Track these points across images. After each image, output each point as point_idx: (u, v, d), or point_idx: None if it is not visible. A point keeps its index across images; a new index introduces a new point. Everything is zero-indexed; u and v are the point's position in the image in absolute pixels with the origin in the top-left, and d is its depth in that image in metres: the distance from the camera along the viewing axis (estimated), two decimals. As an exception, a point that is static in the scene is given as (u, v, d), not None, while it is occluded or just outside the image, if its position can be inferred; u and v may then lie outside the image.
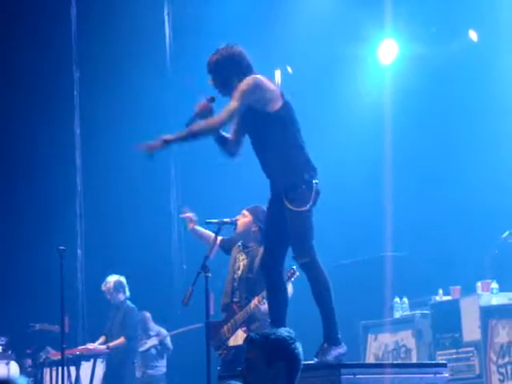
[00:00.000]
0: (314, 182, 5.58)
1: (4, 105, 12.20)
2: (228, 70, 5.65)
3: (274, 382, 3.70)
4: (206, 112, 5.72)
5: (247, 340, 3.84)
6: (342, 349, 5.56)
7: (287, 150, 5.56)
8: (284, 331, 3.83)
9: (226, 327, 6.87)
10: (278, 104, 5.59)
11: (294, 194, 5.51)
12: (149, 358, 11.00)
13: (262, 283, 6.18)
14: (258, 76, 5.65)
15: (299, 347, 3.80)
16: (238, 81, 5.61)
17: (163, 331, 11.23)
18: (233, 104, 5.53)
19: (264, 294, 6.45)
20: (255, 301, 6.69)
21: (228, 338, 6.83)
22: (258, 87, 5.56)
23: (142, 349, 10.76)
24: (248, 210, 6.99)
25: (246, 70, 5.68)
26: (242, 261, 6.99)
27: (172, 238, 12.41)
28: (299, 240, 5.53)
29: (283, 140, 5.57)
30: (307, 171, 5.59)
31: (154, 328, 11.22)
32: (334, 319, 5.59)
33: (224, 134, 5.87)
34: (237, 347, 6.69)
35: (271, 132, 5.58)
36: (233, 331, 6.84)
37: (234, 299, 6.92)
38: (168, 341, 11.23)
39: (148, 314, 11.12)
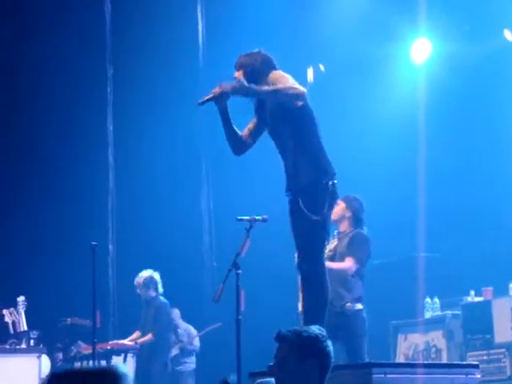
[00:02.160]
0: (330, 183, 5.53)
1: (36, 101, 12.29)
2: (255, 67, 5.82)
3: (306, 379, 3.68)
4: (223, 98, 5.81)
5: (278, 337, 3.81)
6: None
7: (310, 150, 5.57)
8: (315, 328, 3.81)
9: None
10: (301, 102, 5.57)
11: (309, 199, 5.51)
12: (178, 354, 11.05)
13: None
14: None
15: (330, 345, 3.78)
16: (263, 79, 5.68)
17: (192, 329, 11.26)
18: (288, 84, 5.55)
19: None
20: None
21: None
22: (289, 77, 5.59)
23: (171, 354, 10.82)
24: (341, 198, 7.03)
25: (273, 67, 5.84)
26: (331, 244, 7.08)
27: (203, 235, 12.44)
28: (304, 246, 5.52)
29: (307, 139, 5.59)
30: (326, 175, 5.58)
31: (182, 325, 11.25)
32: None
33: (236, 129, 5.90)
34: None
35: (295, 129, 5.61)
36: None
37: None
38: (196, 340, 11.26)
39: (177, 311, 11.14)
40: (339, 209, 7.09)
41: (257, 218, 6.77)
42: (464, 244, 10.11)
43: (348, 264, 7.10)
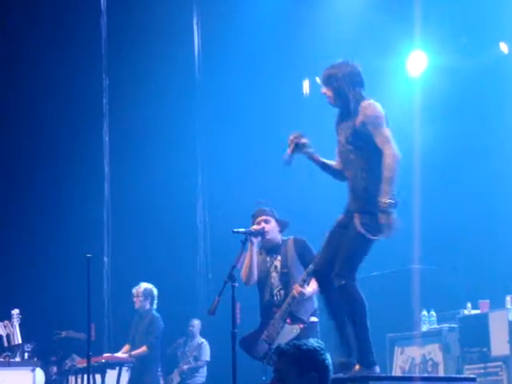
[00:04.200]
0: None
1: (33, 112, 12.29)
2: (342, 84, 5.84)
3: (306, 392, 3.66)
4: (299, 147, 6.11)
5: (277, 351, 3.80)
6: (374, 372, 5.52)
7: (380, 177, 5.66)
8: (314, 342, 3.80)
9: (266, 332, 6.80)
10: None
11: (368, 220, 5.61)
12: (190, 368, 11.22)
13: (298, 272, 6.58)
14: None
15: (329, 358, 3.77)
16: (351, 95, 5.79)
17: (205, 343, 11.33)
18: (386, 132, 5.71)
19: (304, 276, 6.58)
20: (296, 287, 6.66)
21: (273, 340, 6.73)
22: (385, 116, 5.78)
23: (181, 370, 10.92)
24: (267, 215, 6.98)
25: (359, 85, 5.90)
26: (274, 261, 6.98)
27: (198, 248, 12.41)
28: (346, 260, 5.56)
29: (379, 166, 5.68)
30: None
31: (199, 339, 11.42)
32: (368, 342, 5.54)
33: (325, 160, 6.09)
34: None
35: (371, 156, 5.73)
36: (278, 330, 6.75)
37: (275, 299, 6.87)
38: (207, 355, 11.32)
39: (197, 322, 11.32)
40: (274, 224, 6.94)
41: (252, 230, 6.78)
42: (461, 256, 10.09)
43: None
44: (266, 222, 6.96)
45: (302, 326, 6.65)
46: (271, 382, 3.75)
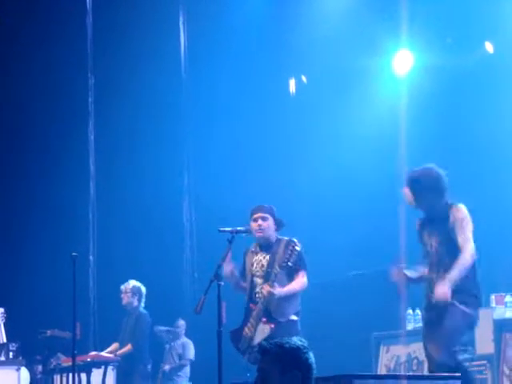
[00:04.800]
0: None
1: (19, 111, 12.24)
2: (426, 189, 6.37)
3: (289, 391, 3.67)
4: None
5: (261, 350, 3.82)
6: None
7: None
8: (297, 340, 3.81)
9: (246, 328, 6.85)
10: None
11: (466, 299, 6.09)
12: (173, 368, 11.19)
13: (282, 274, 6.66)
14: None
15: (312, 357, 3.78)
16: (434, 199, 6.29)
17: (190, 344, 11.30)
18: (470, 244, 6.33)
19: (273, 278, 6.65)
20: (266, 287, 6.68)
21: (252, 338, 6.78)
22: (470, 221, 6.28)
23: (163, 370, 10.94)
24: (266, 212, 6.98)
25: (442, 191, 6.43)
26: (262, 260, 6.98)
27: (184, 246, 12.40)
28: (451, 339, 5.93)
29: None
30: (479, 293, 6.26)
31: (183, 338, 11.38)
32: None
33: (412, 275, 6.49)
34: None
35: (456, 250, 6.32)
36: (254, 327, 6.80)
37: (256, 297, 6.89)
38: (191, 354, 11.30)
39: (182, 322, 11.33)
40: (271, 222, 6.97)
41: (238, 229, 6.77)
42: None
43: (305, 279, 6.98)
44: (264, 219, 6.97)
45: (272, 325, 6.67)
46: (255, 381, 3.76)
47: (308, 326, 6.84)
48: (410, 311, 9.06)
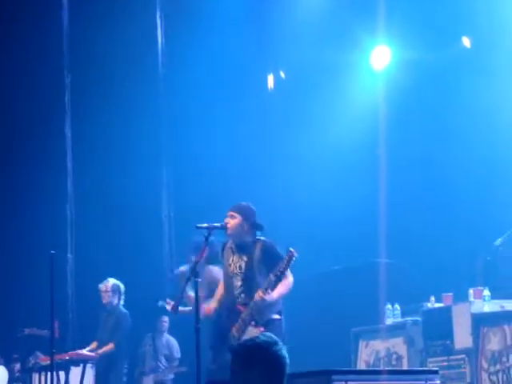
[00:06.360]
0: None
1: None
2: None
3: (255, 387, 3.64)
4: None
5: (229, 350, 3.83)
6: None
7: None
8: (262, 336, 3.78)
9: (234, 328, 6.80)
10: None
11: None
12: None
13: (262, 277, 6.50)
14: None
15: (280, 350, 3.71)
16: None
17: (173, 341, 11.29)
18: None
19: (267, 286, 6.54)
20: (259, 293, 6.63)
21: (239, 339, 6.73)
22: None
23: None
24: (235, 210, 6.92)
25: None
26: (239, 261, 6.92)
27: (163, 243, 12.37)
28: None
29: None
30: None
31: (166, 336, 11.34)
32: None
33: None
34: None
35: None
36: (243, 330, 6.75)
37: (239, 300, 6.84)
38: (177, 351, 11.27)
39: (166, 319, 11.30)
40: (237, 221, 6.85)
41: (215, 225, 6.73)
42: (424, 250, 10.15)
43: (291, 279, 6.93)
44: (231, 217, 6.89)
45: (261, 329, 6.63)
46: (228, 381, 3.75)
47: (286, 322, 6.83)
48: (389, 306, 9.07)
